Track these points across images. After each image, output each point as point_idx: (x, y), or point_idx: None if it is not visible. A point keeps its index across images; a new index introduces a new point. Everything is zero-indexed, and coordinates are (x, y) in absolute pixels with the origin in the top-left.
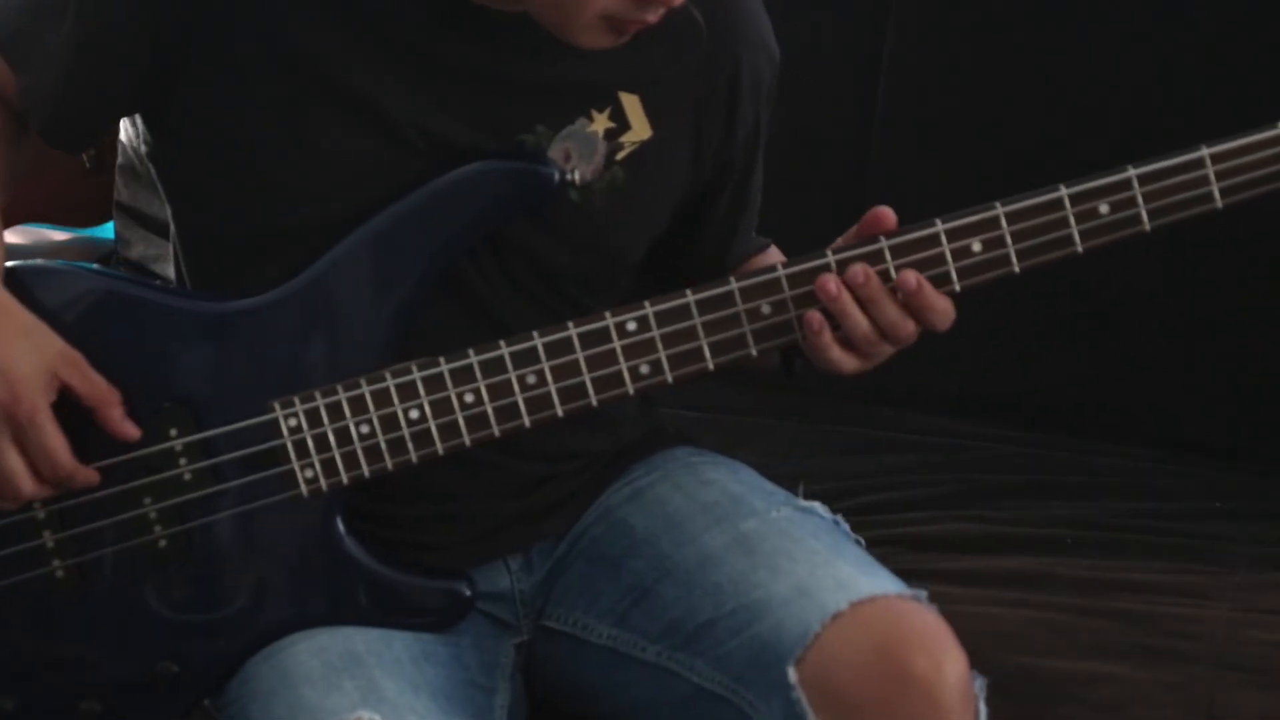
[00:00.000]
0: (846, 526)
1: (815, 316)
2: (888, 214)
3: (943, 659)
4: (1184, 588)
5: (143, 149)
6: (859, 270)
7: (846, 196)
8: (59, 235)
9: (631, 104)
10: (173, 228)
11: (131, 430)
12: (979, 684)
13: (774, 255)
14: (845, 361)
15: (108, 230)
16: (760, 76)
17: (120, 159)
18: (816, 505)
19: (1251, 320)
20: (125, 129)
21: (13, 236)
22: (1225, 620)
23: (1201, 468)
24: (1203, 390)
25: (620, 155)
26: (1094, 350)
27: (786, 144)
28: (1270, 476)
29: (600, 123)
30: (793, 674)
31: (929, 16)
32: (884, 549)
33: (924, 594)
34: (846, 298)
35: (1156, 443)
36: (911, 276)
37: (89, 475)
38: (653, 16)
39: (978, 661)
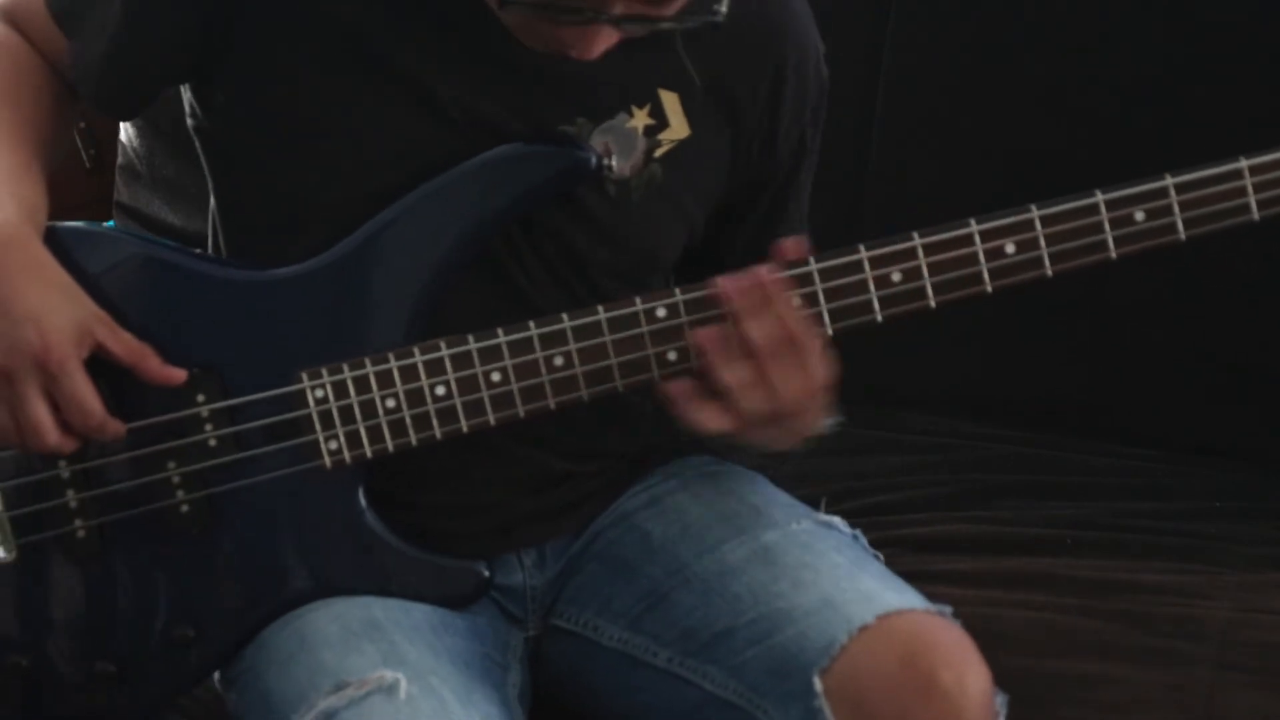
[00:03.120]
0: (865, 541)
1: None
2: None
3: (966, 673)
4: (1184, 588)
5: (188, 121)
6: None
7: (846, 196)
8: None
9: (671, 102)
10: (212, 200)
11: (176, 374)
12: (1000, 700)
13: None
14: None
15: None
16: (805, 90)
17: (120, 159)
18: (836, 519)
19: (1252, 320)
20: (125, 129)
21: None
22: (1225, 620)
23: (1201, 468)
24: (1203, 390)
25: (659, 152)
26: (1094, 350)
27: None
28: (1270, 476)
29: (640, 119)
30: (818, 683)
31: (929, 17)
32: (885, 550)
33: (949, 609)
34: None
35: (1156, 443)
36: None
37: (118, 428)
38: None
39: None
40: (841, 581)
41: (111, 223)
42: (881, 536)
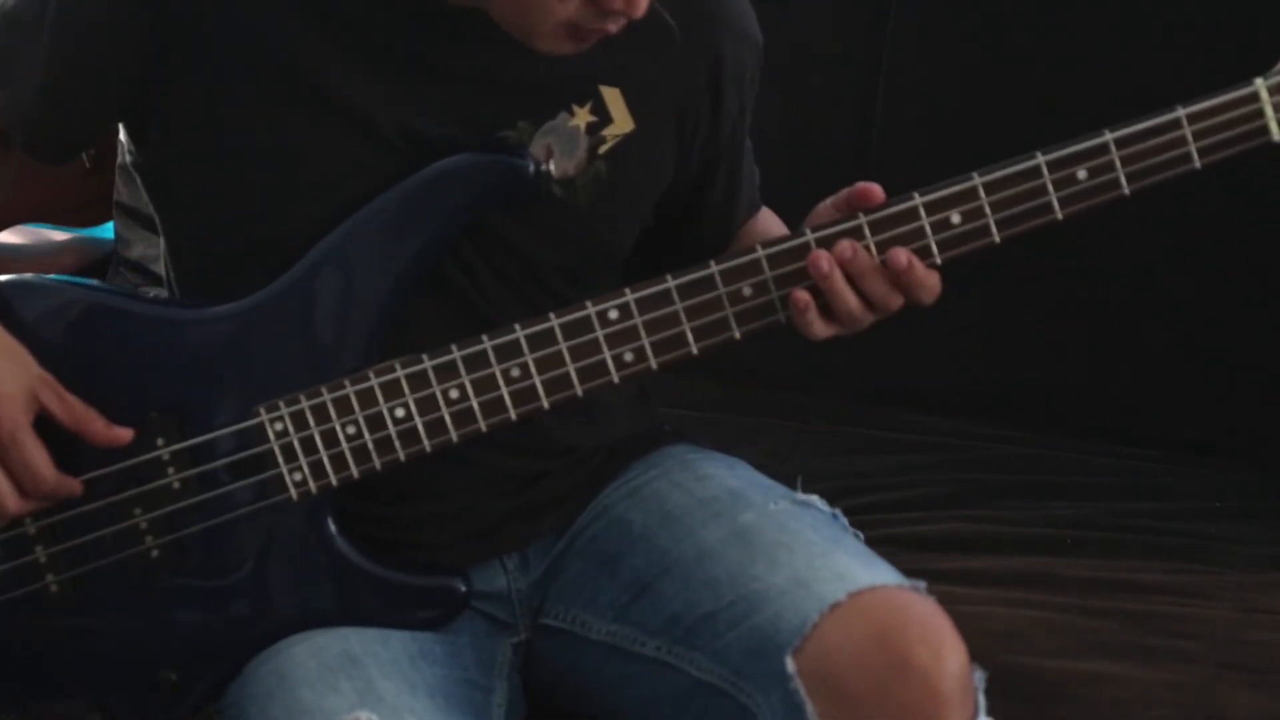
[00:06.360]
0: (845, 520)
1: (802, 296)
2: (875, 190)
3: (942, 648)
4: (1184, 588)
5: (127, 158)
6: (846, 245)
7: None
8: (59, 235)
9: (613, 97)
10: (161, 235)
11: (122, 434)
12: (978, 676)
13: (769, 220)
14: (827, 331)
15: (108, 230)
16: (743, 66)
17: (120, 159)
18: (814, 499)
19: (1252, 320)
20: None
21: (13, 236)
22: (1225, 620)
23: (1201, 468)
24: (1203, 390)
25: (603, 149)
26: (1094, 350)
27: (786, 144)
28: (1270, 476)
29: (582, 117)
30: (790, 664)
31: (929, 17)
32: (883, 549)
33: (923, 585)
34: (837, 275)
35: (1156, 443)
36: (902, 255)
37: (73, 487)
38: (614, 26)
39: (977, 662)
40: (815, 560)
41: (111, 224)
42: (881, 535)
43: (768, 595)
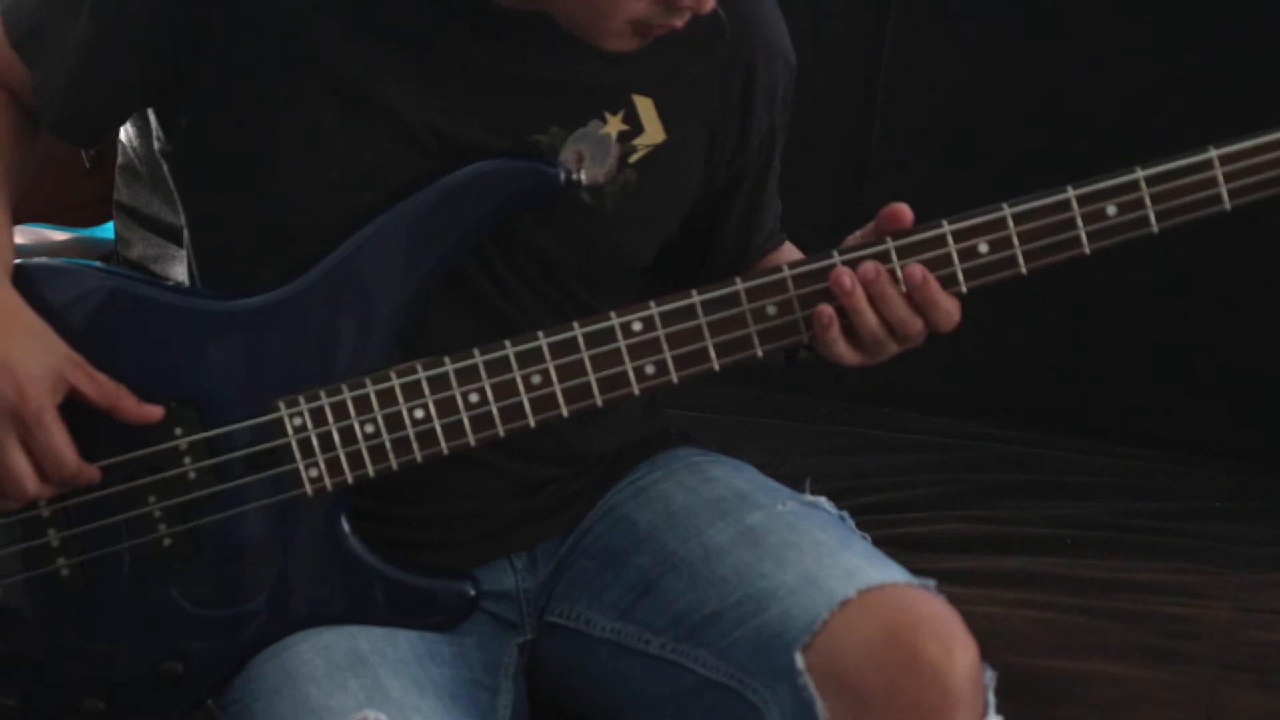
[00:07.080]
0: (852, 522)
1: (825, 311)
2: (904, 211)
3: (953, 645)
4: (1184, 588)
5: (155, 145)
6: (870, 266)
7: (846, 196)
8: (59, 235)
9: (645, 107)
10: (184, 224)
11: (153, 411)
12: (989, 675)
13: (789, 253)
14: (850, 356)
15: (108, 230)
16: (775, 83)
17: (120, 159)
18: (821, 500)
19: (1251, 320)
20: (125, 129)
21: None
22: (1225, 620)
23: (1201, 468)
24: (1203, 390)
25: (633, 158)
26: (1094, 350)
27: (787, 144)
28: (1270, 476)
29: (614, 125)
30: (800, 660)
31: (928, 18)
32: (884, 549)
33: (932, 583)
34: (859, 293)
35: (1156, 443)
36: (918, 270)
37: (93, 474)
38: (680, 21)
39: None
40: (825, 559)
41: (111, 224)
42: (881, 536)
43: (776, 593)
